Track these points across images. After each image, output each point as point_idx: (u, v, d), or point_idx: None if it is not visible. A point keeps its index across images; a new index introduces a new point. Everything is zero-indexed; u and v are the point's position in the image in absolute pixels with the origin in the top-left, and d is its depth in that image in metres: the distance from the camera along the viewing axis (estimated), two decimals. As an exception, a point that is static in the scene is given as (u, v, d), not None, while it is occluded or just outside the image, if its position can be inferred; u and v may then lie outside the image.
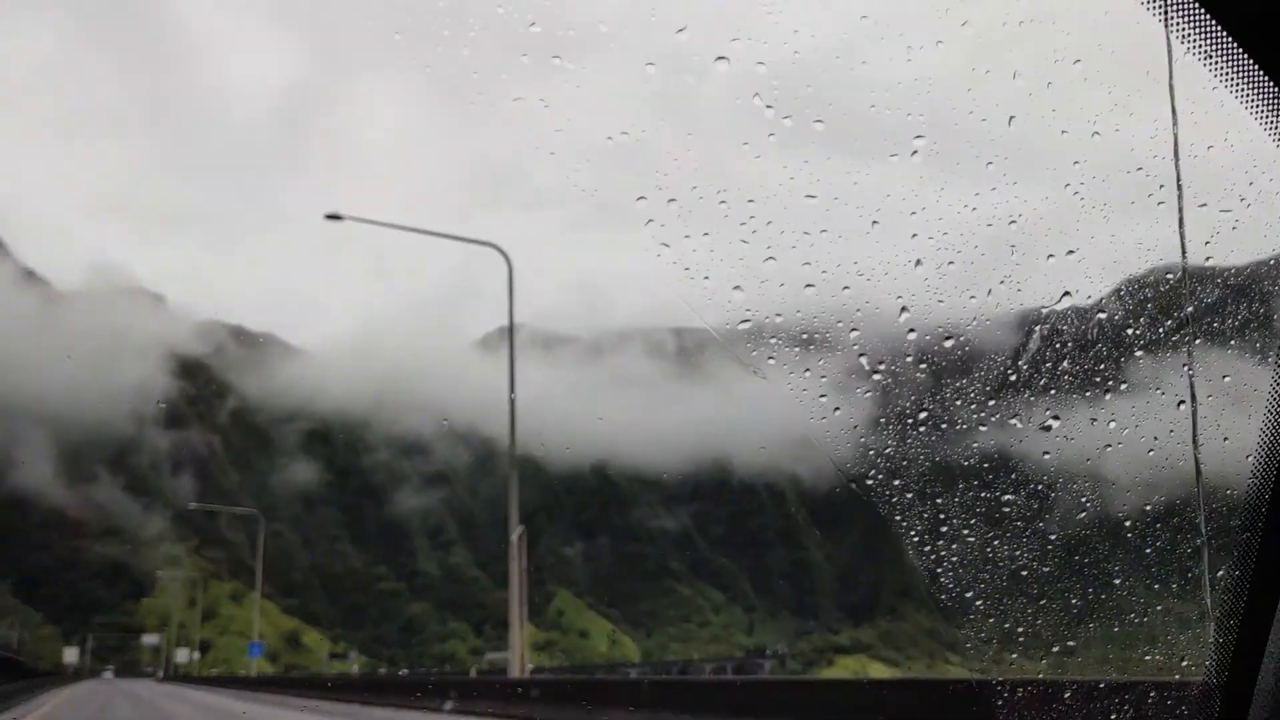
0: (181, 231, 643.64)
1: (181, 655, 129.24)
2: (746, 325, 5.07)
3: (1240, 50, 2.39)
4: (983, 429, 5.41)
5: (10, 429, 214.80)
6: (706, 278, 4.74)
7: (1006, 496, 5.94)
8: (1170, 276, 4.52)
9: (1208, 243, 3.96)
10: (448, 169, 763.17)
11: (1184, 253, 3.86)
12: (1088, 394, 5.44)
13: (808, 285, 4.84)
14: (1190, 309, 4.38)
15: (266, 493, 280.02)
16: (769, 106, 4.56)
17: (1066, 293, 5.17)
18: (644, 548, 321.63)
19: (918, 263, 4.91)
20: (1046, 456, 5.68)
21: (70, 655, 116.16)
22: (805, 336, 5.14)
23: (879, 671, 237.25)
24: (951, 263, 5.00)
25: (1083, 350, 5.39)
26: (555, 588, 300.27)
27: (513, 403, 23.41)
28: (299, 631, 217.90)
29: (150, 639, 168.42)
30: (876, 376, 5.31)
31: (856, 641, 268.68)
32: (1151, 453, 5.06)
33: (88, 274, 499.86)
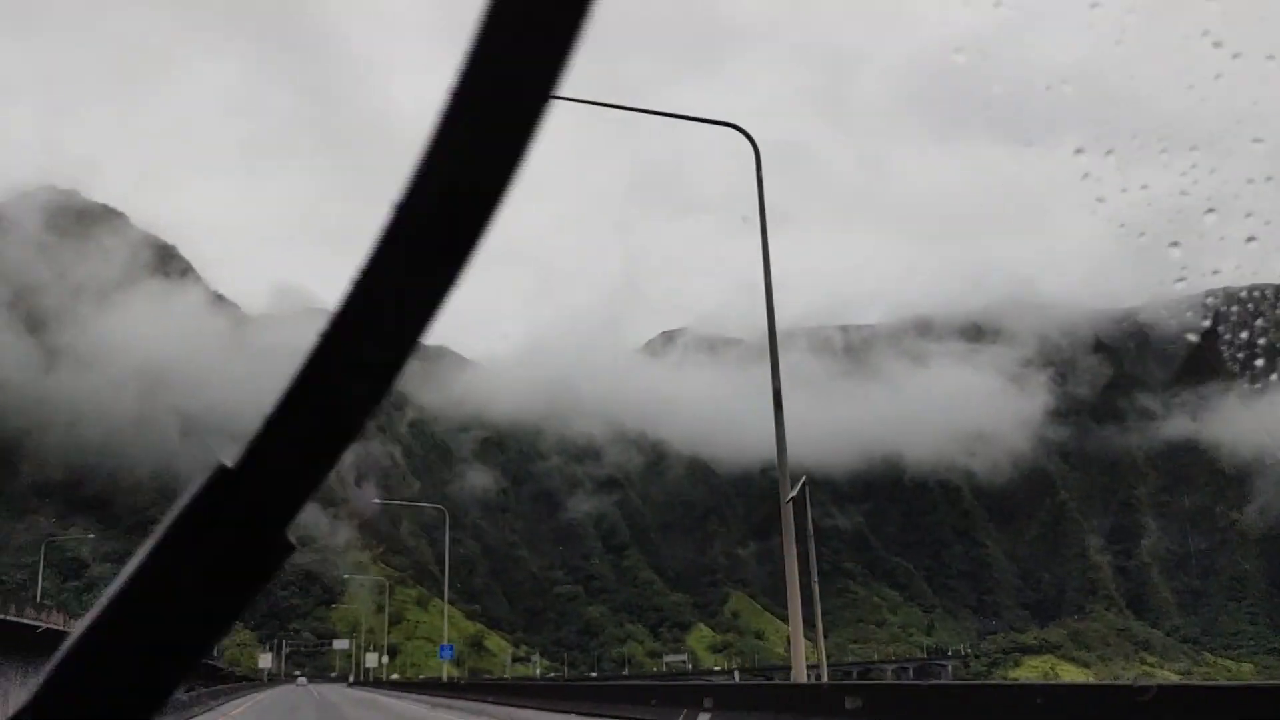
0: (354, 250, 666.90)
1: (371, 660, 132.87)
2: (1182, 284, 4.39)
3: None
4: None
5: (205, 446, 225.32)
6: (1141, 234, 4.39)
7: None
8: None
9: None
10: (608, 176, 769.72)
11: None
12: None
13: (1249, 239, 4.36)
14: None
15: (447, 500, 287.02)
16: (1217, 45, 4.32)
17: None
18: (817, 547, 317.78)
19: (1366, 209, 4.46)
20: None
21: (265, 660, 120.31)
22: (1244, 295, 4.48)
23: (1069, 673, 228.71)
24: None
25: None
26: (729, 589, 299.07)
27: (772, 322, 22.37)
28: (482, 635, 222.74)
29: (340, 644, 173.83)
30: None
31: (1044, 641, 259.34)
32: None
33: (271, 296, 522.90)
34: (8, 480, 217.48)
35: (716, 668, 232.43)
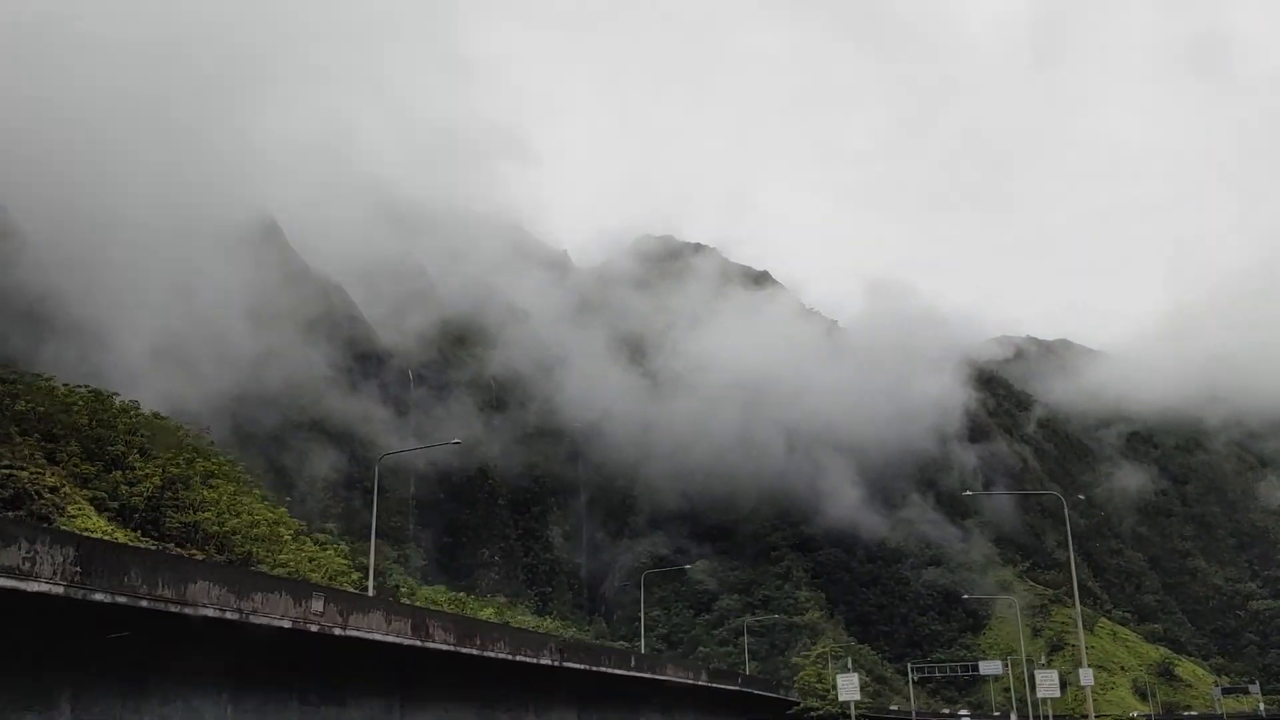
0: (941, 228, 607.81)
1: (1050, 685, 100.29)
2: None
3: None
4: None
5: (815, 460, 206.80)
6: None
7: None
8: None
9: None
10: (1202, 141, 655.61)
11: None
12: None
13: None
14: None
15: (1093, 508, 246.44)
16: None
17: None
18: None
19: None
20: None
21: (847, 687, 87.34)
22: None
23: None
24: None
25: None
26: None
27: None
28: (1170, 662, 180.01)
29: (990, 667, 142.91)
30: None
31: None
32: None
33: (864, 297, 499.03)
34: (629, 515, 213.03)
35: None
